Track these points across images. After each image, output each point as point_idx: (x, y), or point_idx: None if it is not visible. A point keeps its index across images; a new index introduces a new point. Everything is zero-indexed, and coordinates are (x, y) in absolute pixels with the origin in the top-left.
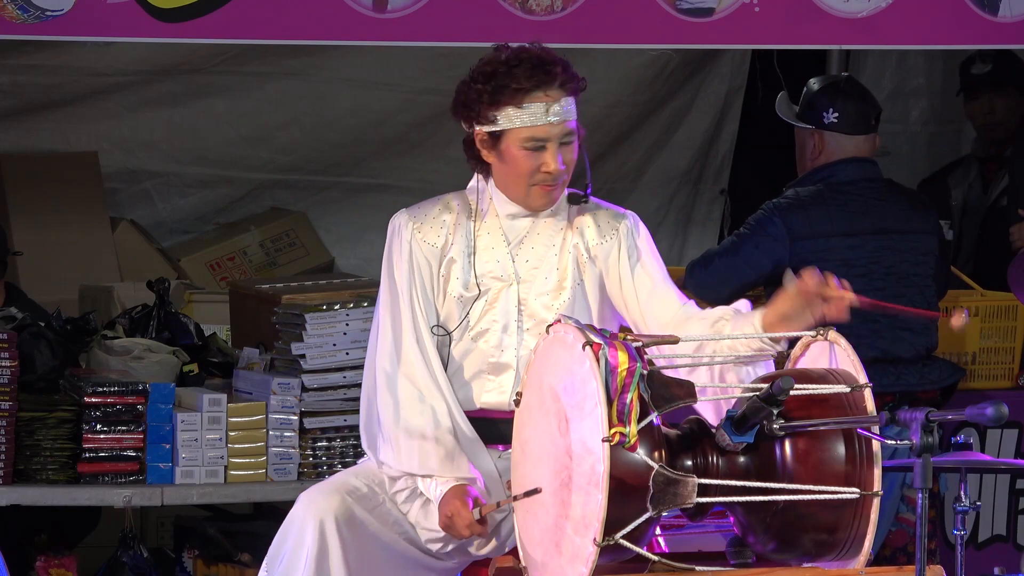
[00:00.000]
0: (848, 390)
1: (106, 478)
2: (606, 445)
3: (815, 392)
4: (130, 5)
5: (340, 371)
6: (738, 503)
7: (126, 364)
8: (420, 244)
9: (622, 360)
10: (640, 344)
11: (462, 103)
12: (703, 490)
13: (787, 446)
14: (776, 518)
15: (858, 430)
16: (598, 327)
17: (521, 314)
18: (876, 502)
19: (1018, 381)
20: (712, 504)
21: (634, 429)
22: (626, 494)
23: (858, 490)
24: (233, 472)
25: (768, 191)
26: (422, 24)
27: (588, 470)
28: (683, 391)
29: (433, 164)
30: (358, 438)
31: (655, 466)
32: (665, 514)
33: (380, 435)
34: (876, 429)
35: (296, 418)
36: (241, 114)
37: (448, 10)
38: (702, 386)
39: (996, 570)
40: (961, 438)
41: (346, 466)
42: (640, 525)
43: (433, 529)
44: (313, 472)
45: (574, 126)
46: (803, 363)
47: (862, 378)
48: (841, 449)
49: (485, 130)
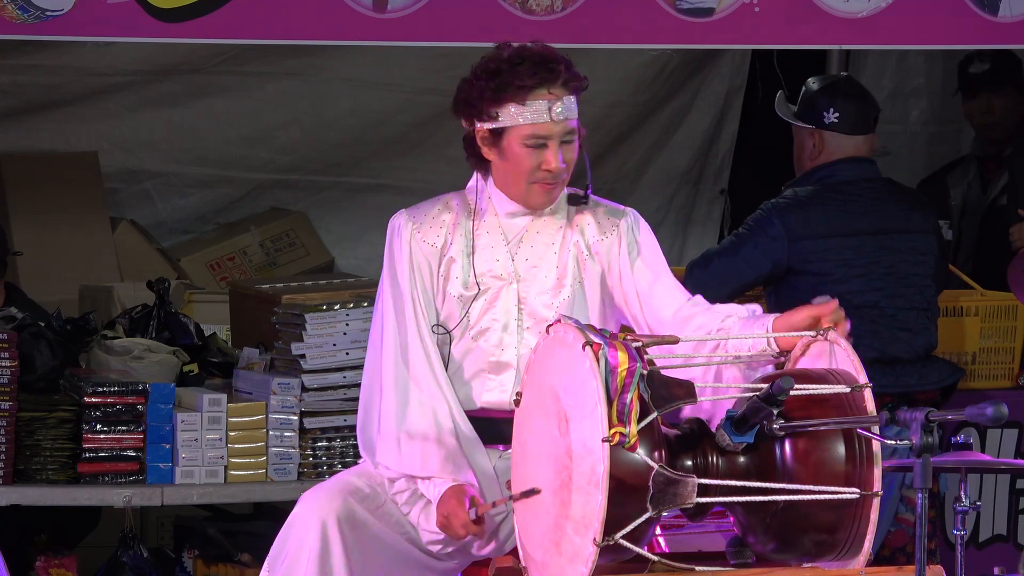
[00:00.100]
0: (848, 390)
1: (106, 478)
2: (606, 445)
3: (815, 392)
4: (130, 5)
5: (340, 371)
6: (738, 503)
7: (126, 364)
8: (420, 244)
9: (622, 360)
10: (640, 344)
11: (464, 100)
12: (703, 490)
13: (787, 446)
14: (776, 518)
15: (858, 430)
16: (598, 327)
17: (521, 313)
18: (876, 502)
19: (1018, 381)
20: (712, 504)
21: (634, 429)
22: (626, 494)
23: (858, 490)
24: (233, 472)
25: (768, 191)
26: (422, 24)
27: (588, 470)
28: (683, 391)
29: (433, 164)
30: (358, 441)
31: (655, 466)
32: (665, 514)
33: (379, 436)
34: (876, 429)
35: (296, 418)
36: (241, 114)
37: (448, 10)
38: (703, 385)
39: (996, 570)
40: (961, 438)
41: (346, 466)
42: (640, 525)
43: (434, 531)
44: (313, 472)
45: (576, 125)
46: (803, 363)
47: (862, 378)
48: (841, 449)
49: (487, 127)
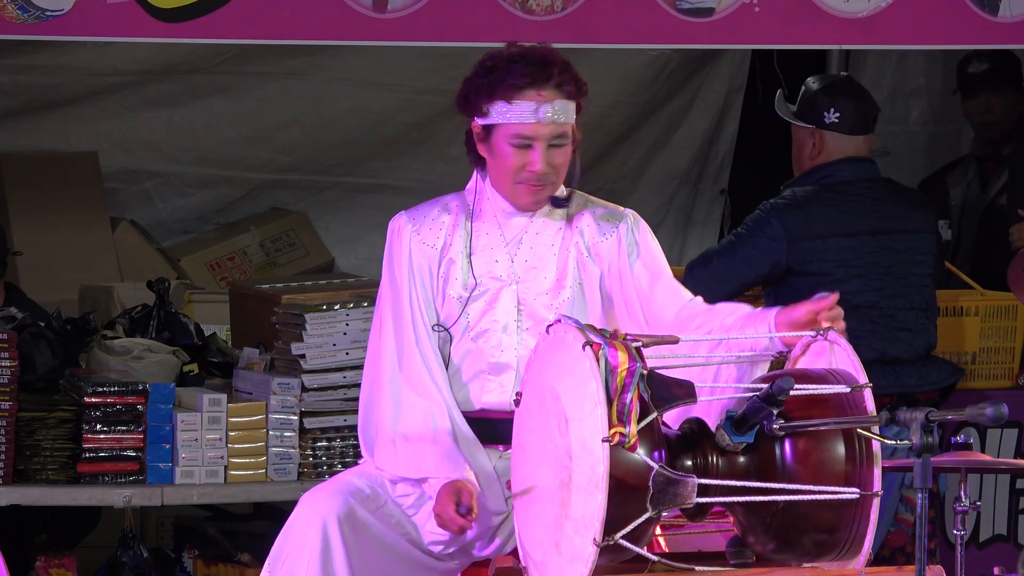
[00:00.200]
0: (848, 390)
1: (106, 478)
2: (606, 445)
3: (815, 392)
4: (130, 5)
5: (340, 371)
6: (738, 503)
7: (126, 364)
8: (419, 246)
9: (622, 360)
10: (640, 344)
11: (463, 95)
12: (703, 490)
13: (787, 446)
14: (776, 518)
15: (858, 430)
16: (598, 327)
17: (521, 314)
18: (876, 502)
19: (1018, 381)
20: (712, 504)
21: (634, 429)
22: (626, 494)
23: (858, 490)
24: (233, 472)
25: (768, 191)
26: (422, 24)
27: (588, 470)
28: (683, 391)
29: (433, 164)
30: (358, 438)
31: (655, 466)
32: (665, 514)
33: (378, 438)
34: (876, 429)
35: (296, 418)
36: (241, 114)
37: (448, 10)
38: (703, 385)
39: (996, 570)
40: (961, 438)
41: (346, 466)
42: (640, 525)
43: (436, 531)
44: (313, 472)
45: (566, 130)
46: (803, 363)
47: (862, 378)
48: (841, 449)
49: (480, 123)
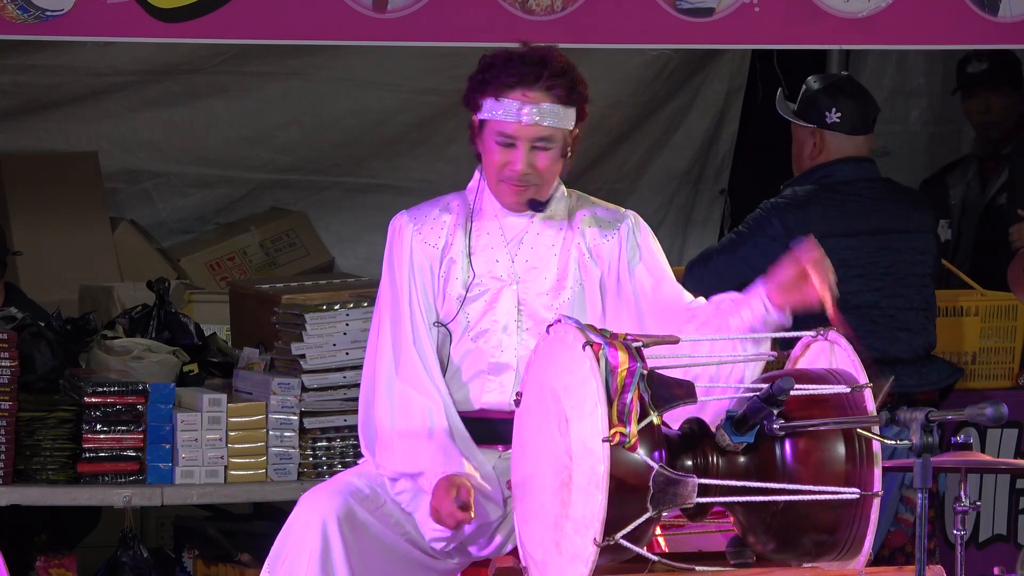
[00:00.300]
0: (848, 390)
1: (106, 478)
2: (606, 445)
3: (815, 392)
4: (130, 5)
5: (340, 371)
6: (738, 503)
7: (126, 364)
8: (420, 245)
9: (622, 360)
10: (640, 344)
11: (466, 89)
12: (703, 490)
13: (787, 446)
14: (776, 518)
15: (858, 430)
16: (598, 327)
17: (521, 314)
18: (876, 502)
19: (1018, 381)
20: (712, 504)
21: (634, 429)
22: (626, 494)
23: (858, 490)
24: (233, 472)
25: (768, 191)
26: (422, 24)
27: (588, 470)
28: (683, 391)
29: (433, 164)
30: (358, 438)
31: (655, 466)
32: (665, 514)
33: (377, 436)
34: (876, 429)
35: (296, 418)
36: (241, 114)
37: (448, 10)
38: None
39: (996, 570)
40: (961, 438)
41: (346, 466)
42: (640, 525)
43: (435, 528)
44: (313, 472)
45: (552, 134)
46: (803, 363)
47: (862, 378)
48: (841, 449)
49: (476, 118)
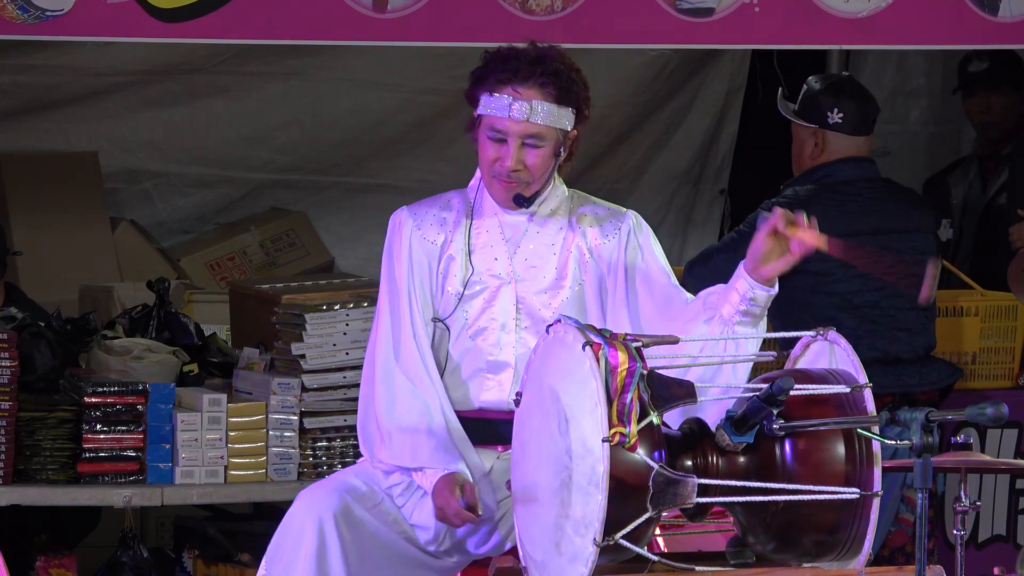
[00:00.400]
0: (848, 390)
1: (106, 478)
2: (606, 445)
3: (815, 392)
4: (130, 5)
5: (340, 371)
6: (738, 503)
7: (126, 364)
8: (420, 241)
9: (622, 360)
10: (640, 344)
11: (468, 85)
12: (703, 490)
13: (787, 446)
14: (776, 518)
15: (858, 430)
16: (598, 327)
17: (519, 312)
18: (876, 502)
19: (1018, 381)
20: (712, 504)
21: (634, 429)
22: (626, 494)
23: (858, 490)
24: (233, 472)
25: (768, 191)
26: (422, 24)
27: (588, 470)
28: (683, 391)
29: (433, 164)
30: (358, 438)
31: (655, 466)
32: (665, 514)
33: (376, 430)
34: (876, 429)
35: (296, 418)
36: (241, 114)
37: (448, 10)
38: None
39: (996, 570)
40: (961, 438)
41: (346, 466)
42: (640, 525)
43: (427, 525)
44: (313, 472)
45: (543, 132)
46: (803, 363)
47: (862, 378)
48: (841, 449)
49: (475, 113)
